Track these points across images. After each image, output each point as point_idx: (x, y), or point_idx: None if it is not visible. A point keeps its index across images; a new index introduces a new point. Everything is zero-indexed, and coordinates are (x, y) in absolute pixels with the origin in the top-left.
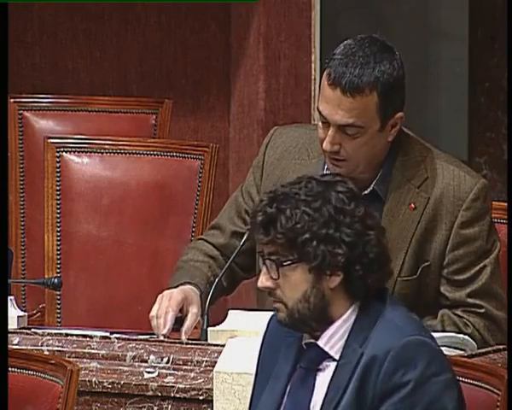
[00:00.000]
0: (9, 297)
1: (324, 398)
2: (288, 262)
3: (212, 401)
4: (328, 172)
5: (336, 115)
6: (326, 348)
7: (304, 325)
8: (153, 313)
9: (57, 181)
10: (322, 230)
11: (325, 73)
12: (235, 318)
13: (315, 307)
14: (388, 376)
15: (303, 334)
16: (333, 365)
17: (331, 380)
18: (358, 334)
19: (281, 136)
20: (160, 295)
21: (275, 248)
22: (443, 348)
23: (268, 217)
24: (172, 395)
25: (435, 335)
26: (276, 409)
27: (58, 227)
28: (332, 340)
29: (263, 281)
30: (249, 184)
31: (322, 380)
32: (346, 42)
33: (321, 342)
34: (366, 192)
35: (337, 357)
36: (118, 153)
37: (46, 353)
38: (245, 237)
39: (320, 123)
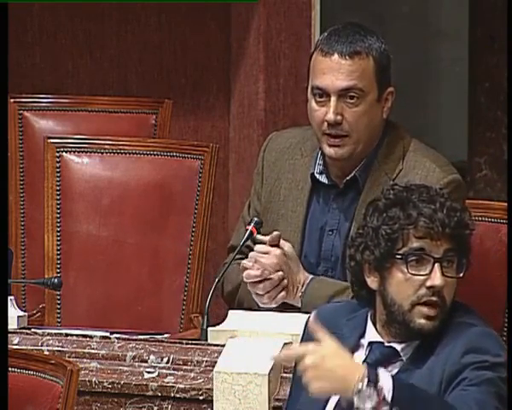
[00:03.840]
0: (9, 297)
1: None
2: (464, 262)
3: (212, 401)
4: (319, 165)
5: (337, 81)
6: (402, 354)
7: (438, 324)
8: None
9: (57, 181)
10: None
11: (316, 51)
12: (235, 318)
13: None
14: (458, 357)
15: (365, 332)
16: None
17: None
18: (431, 341)
19: (276, 139)
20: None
21: (455, 245)
22: None
23: (465, 217)
24: (172, 395)
25: None
26: (324, 405)
27: (58, 227)
28: (409, 347)
29: (440, 281)
30: (252, 195)
31: None
32: (329, 29)
33: (399, 347)
34: (348, 178)
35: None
36: (118, 153)
37: (46, 353)
38: (246, 236)
39: (316, 104)
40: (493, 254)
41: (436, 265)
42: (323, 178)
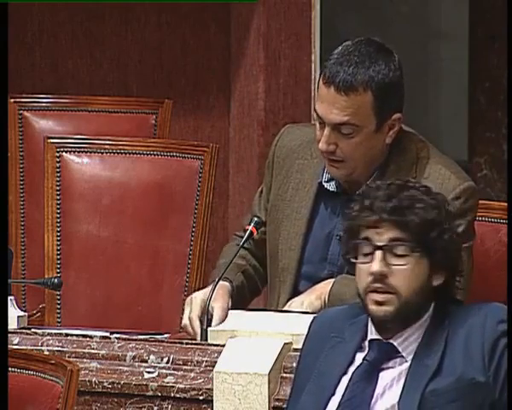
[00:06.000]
0: (9, 297)
1: (402, 390)
2: (418, 251)
3: (212, 401)
4: (328, 173)
5: (331, 114)
6: (400, 348)
7: (401, 323)
8: (183, 322)
9: (57, 181)
10: (449, 231)
11: (322, 73)
12: (235, 318)
13: (420, 302)
14: (495, 325)
15: (367, 331)
16: (400, 366)
17: (408, 374)
18: (434, 334)
19: (288, 134)
20: (186, 300)
21: (404, 234)
22: None
23: (406, 203)
24: (172, 395)
25: None
26: (324, 407)
27: (58, 227)
28: (407, 341)
29: (378, 267)
30: (263, 185)
31: (385, 378)
32: (344, 43)
33: (396, 342)
34: (360, 192)
35: (409, 358)
36: (118, 153)
37: (46, 353)
38: (246, 236)
39: (317, 124)
40: (493, 254)
41: (377, 252)
42: (332, 187)
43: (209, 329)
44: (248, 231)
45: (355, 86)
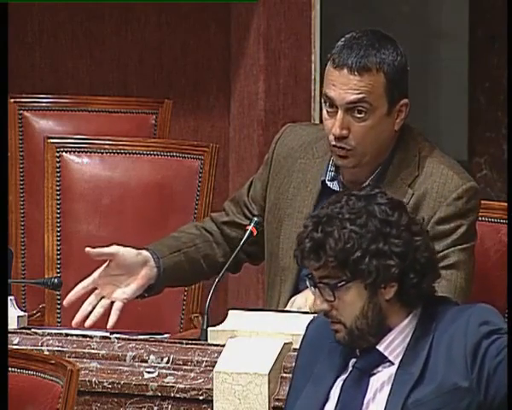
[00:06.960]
0: (9, 297)
1: (388, 396)
2: (343, 283)
3: (212, 401)
4: (331, 171)
5: (345, 94)
6: (386, 353)
7: (363, 341)
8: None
9: (57, 181)
10: (371, 245)
11: (329, 61)
12: (235, 318)
13: (373, 321)
14: (476, 327)
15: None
16: (388, 368)
17: (394, 382)
18: (421, 338)
19: (290, 134)
20: None
21: (327, 271)
22: None
23: (316, 242)
24: (172, 395)
25: None
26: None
27: (58, 227)
28: (392, 345)
29: (318, 305)
30: (257, 177)
31: (376, 382)
32: (347, 34)
33: (380, 347)
34: (362, 187)
35: (396, 362)
36: (118, 153)
37: (46, 353)
38: (246, 236)
39: (326, 114)
40: (493, 254)
41: (316, 290)
42: (335, 185)
43: (209, 329)
44: (248, 232)
45: (368, 66)
